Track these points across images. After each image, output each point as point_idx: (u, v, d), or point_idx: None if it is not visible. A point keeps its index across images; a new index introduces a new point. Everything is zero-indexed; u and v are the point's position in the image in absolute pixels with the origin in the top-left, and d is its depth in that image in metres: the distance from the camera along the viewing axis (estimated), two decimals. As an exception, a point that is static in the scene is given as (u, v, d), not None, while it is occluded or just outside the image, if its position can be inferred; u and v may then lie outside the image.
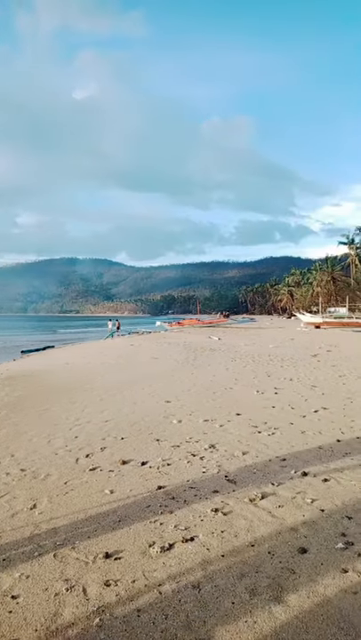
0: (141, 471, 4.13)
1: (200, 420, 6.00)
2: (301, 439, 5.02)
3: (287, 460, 4.34)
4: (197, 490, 3.65)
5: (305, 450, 4.64)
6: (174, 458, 4.48)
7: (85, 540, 2.87)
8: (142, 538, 2.88)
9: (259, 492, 3.55)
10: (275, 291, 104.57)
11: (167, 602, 2.25)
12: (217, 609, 2.19)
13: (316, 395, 7.54)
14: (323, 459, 4.35)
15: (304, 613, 2.14)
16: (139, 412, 6.55)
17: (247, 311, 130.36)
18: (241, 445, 4.83)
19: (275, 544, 2.76)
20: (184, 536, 2.87)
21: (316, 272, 74.34)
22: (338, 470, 4.02)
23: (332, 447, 4.71)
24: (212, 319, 48.64)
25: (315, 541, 2.79)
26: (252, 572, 2.47)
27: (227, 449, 4.72)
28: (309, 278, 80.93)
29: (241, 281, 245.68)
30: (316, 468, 4.07)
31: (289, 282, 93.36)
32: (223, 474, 3.99)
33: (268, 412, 6.37)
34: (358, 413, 6.14)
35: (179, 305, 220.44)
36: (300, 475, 3.92)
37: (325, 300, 58.40)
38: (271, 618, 2.11)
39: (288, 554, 2.65)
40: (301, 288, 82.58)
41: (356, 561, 2.56)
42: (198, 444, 4.94)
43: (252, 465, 4.21)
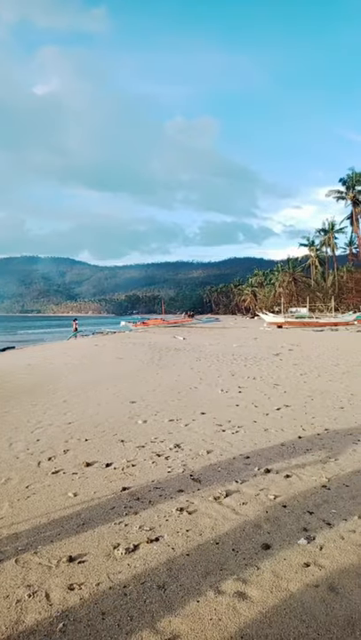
0: (106, 473, 4.09)
1: (165, 419, 6.00)
2: (265, 437, 5.11)
3: (251, 457, 4.41)
4: (162, 490, 3.64)
5: (268, 447, 4.73)
6: (139, 458, 4.46)
7: (48, 545, 2.81)
8: (107, 540, 2.85)
9: (223, 490, 3.58)
10: (238, 291, 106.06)
11: (132, 603, 2.23)
12: (182, 608, 2.19)
13: (279, 393, 7.70)
14: (285, 455, 4.45)
15: (268, 608, 2.18)
16: (103, 413, 6.48)
17: (212, 311, 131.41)
18: (206, 444, 4.87)
19: (239, 541, 2.80)
20: (149, 536, 2.86)
21: (279, 273, 76.03)
22: (299, 466, 4.12)
23: (293, 444, 4.82)
24: (176, 319, 48.76)
25: (278, 537, 2.84)
26: (216, 570, 2.50)
27: (192, 448, 4.74)
28: (272, 279, 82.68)
29: (205, 281, 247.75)
30: (278, 465, 4.16)
31: (252, 282, 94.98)
32: (188, 473, 4.01)
33: (233, 410, 6.45)
34: (319, 411, 6.32)
35: (143, 305, 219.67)
36: (264, 472, 3.99)
37: (287, 300, 59.75)
38: (236, 614, 2.13)
39: (252, 550, 2.69)
40: (264, 288, 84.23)
41: (317, 555, 2.63)
42: (163, 443, 4.94)
43: (217, 463, 4.25)
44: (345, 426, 5.50)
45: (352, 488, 3.61)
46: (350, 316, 38.14)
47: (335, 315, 42.66)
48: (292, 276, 70.29)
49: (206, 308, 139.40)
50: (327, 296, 53.52)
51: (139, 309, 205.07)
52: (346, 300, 51.34)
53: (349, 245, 62.20)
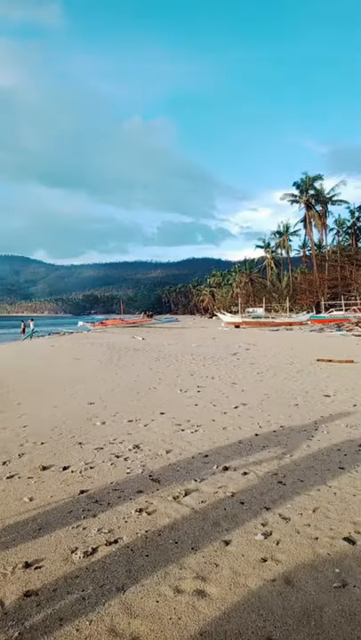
0: (63, 476, 4.00)
1: (124, 420, 5.95)
2: (223, 435, 5.18)
3: (209, 456, 4.46)
4: (121, 491, 3.61)
5: (226, 445, 4.79)
6: (97, 460, 4.40)
7: (3, 551, 2.72)
8: (64, 544, 2.79)
9: (182, 489, 3.60)
10: (197, 291, 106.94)
11: (91, 607, 2.20)
12: (142, 609, 2.18)
13: (237, 392, 7.83)
14: (242, 453, 4.53)
15: (227, 605, 2.21)
16: (60, 415, 6.34)
17: (170, 311, 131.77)
18: (165, 444, 4.87)
19: (198, 539, 2.82)
20: (108, 539, 2.83)
21: (236, 274, 77.36)
22: (256, 463, 4.20)
23: (250, 441, 4.91)
24: (135, 319, 48.46)
25: (236, 534, 2.89)
26: (175, 569, 2.50)
27: (151, 448, 4.73)
28: (229, 279, 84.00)
29: (164, 281, 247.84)
30: (236, 463, 4.23)
31: (210, 283, 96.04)
32: (147, 473, 3.99)
33: (191, 409, 6.49)
34: (275, 408, 6.47)
35: (102, 305, 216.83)
36: (222, 469, 4.04)
37: (244, 300, 60.80)
38: (195, 613, 2.15)
39: (211, 548, 2.72)
40: (222, 289, 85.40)
41: (274, 550, 2.69)
42: (122, 444, 4.90)
43: (176, 463, 4.26)
44: (299, 423, 5.66)
45: (306, 483, 3.72)
46: (304, 316, 39.34)
47: (290, 315, 43.86)
48: (248, 277, 71.68)
49: (165, 308, 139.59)
50: (282, 297, 54.94)
51: (97, 309, 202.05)
52: (300, 301, 52.88)
53: (303, 248, 64.17)
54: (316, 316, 38.02)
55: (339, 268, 51.83)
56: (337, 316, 35.86)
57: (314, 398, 7.15)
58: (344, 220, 56.62)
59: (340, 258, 53.24)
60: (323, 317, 36.15)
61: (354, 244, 55.89)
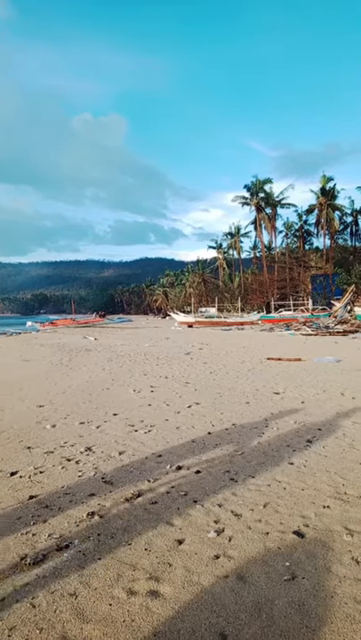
0: (11, 482, 3.86)
1: (76, 422, 5.83)
2: (176, 434, 5.19)
3: (163, 455, 4.45)
4: (73, 495, 3.54)
5: (179, 444, 4.81)
6: (48, 464, 4.28)
7: None
8: (13, 552, 2.69)
9: (135, 490, 3.58)
10: (150, 291, 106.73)
11: (42, 615, 2.14)
12: (94, 614, 2.15)
13: (190, 391, 7.88)
14: (196, 452, 4.56)
15: (180, 603, 2.21)
16: (7, 419, 6.11)
17: (123, 311, 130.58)
18: (118, 445, 4.82)
19: (151, 540, 2.81)
20: (59, 544, 2.76)
21: (189, 274, 77.95)
22: (209, 461, 4.25)
23: (204, 440, 4.96)
24: (87, 319, 47.58)
25: (189, 532, 2.91)
26: (128, 571, 2.48)
27: (103, 450, 4.66)
28: (182, 280, 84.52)
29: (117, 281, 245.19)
30: (189, 461, 4.25)
31: (164, 282, 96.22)
32: (100, 476, 3.93)
33: (145, 410, 6.46)
34: (227, 407, 6.57)
35: (52, 304, 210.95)
36: (175, 469, 4.05)
37: (197, 300, 61.42)
38: (149, 614, 2.14)
39: (164, 547, 2.72)
40: (175, 289, 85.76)
41: (226, 547, 2.73)
42: (74, 447, 4.80)
43: (129, 464, 4.23)
44: (250, 420, 5.79)
45: (257, 479, 3.81)
46: (255, 315, 40.26)
47: (241, 315, 44.75)
48: (201, 277, 72.43)
49: (118, 308, 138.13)
50: (234, 297, 55.96)
51: (47, 309, 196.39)
52: (251, 301, 54.07)
53: (254, 249, 65.68)
54: (267, 315, 39.02)
55: (287, 270, 53.49)
56: (286, 315, 36.97)
57: (264, 396, 7.33)
58: (292, 222, 58.50)
59: (289, 260, 54.96)
60: (273, 317, 37.15)
61: (301, 246, 57.89)
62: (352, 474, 3.93)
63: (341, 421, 5.71)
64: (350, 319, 28.80)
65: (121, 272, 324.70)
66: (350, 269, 46.62)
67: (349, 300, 32.24)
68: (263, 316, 39.23)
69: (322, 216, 50.86)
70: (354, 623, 2.07)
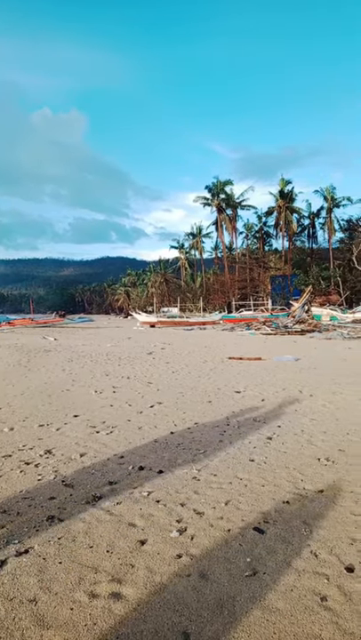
0: (-33, 488, 3.72)
1: (35, 425, 5.69)
2: (139, 435, 5.17)
3: (125, 456, 4.42)
4: (32, 499, 3.45)
5: (142, 445, 4.79)
6: (5, 469, 4.16)
7: None
8: (-32, 562, 2.59)
9: (97, 492, 3.53)
10: (112, 290, 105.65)
11: (0, 624, 2.07)
12: (55, 619, 2.10)
13: (152, 391, 7.87)
14: (158, 451, 4.56)
15: (142, 604, 2.20)
16: None
17: (84, 311, 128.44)
18: (79, 447, 4.74)
19: (113, 541, 2.78)
20: (17, 550, 2.69)
21: (151, 274, 77.80)
22: (172, 461, 4.26)
23: (166, 439, 4.97)
24: (47, 319, 46.52)
25: (152, 532, 2.90)
26: (90, 574, 2.45)
27: (64, 453, 4.57)
28: (144, 279, 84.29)
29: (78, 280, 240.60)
30: (152, 462, 4.25)
31: (125, 282, 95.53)
32: (60, 479, 3.86)
33: (107, 410, 6.39)
34: (189, 406, 6.61)
35: (9, 304, 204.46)
36: (138, 469, 4.04)
37: (159, 300, 61.39)
38: (111, 616, 2.12)
39: (127, 549, 2.70)
40: (137, 288, 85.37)
41: (188, 545, 2.75)
42: (33, 450, 4.68)
43: (91, 466, 4.17)
44: (212, 419, 5.85)
45: (219, 477, 3.86)
46: (217, 315, 40.69)
47: (203, 314, 45.13)
48: (163, 277, 72.46)
49: (79, 308, 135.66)
50: (196, 297, 56.33)
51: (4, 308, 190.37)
52: (213, 301, 54.61)
53: (215, 250, 66.43)
54: (228, 315, 39.54)
55: (248, 270, 54.44)
56: (247, 315, 37.58)
57: (226, 395, 7.42)
58: (252, 224, 59.57)
59: (249, 260, 55.95)
60: (234, 317, 37.67)
61: (261, 247, 59.05)
62: (310, 469, 4.05)
63: (300, 418, 5.87)
64: (308, 319, 29.65)
65: (82, 271, 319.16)
66: (308, 271, 48.05)
67: (307, 301, 33.18)
68: (225, 315, 39.73)
69: (281, 218, 52.09)
70: (313, 614, 2.13)
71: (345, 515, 3.16)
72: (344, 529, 2.95)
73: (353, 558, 2.60)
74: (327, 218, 51.81)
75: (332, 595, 2.28)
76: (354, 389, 7.82)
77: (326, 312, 30.29)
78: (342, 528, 2.96)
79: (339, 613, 2.14)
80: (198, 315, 45.28)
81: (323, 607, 2.19)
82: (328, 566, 2.52)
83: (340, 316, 29.12)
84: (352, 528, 2.97)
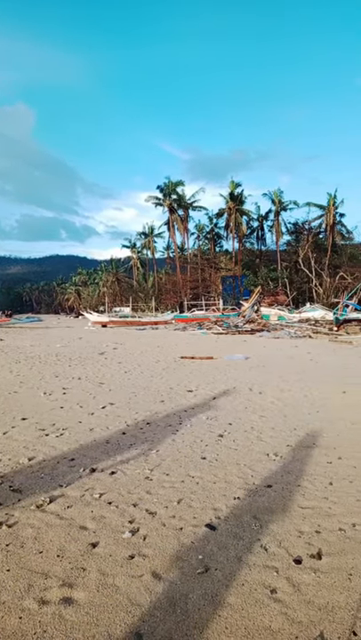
0: None
1: (-20, 429, 5.45)
2: (90, 436, 5.09)
3: (76, 459, 4.34)
4: (-23, 507, 3.31)
5: (93, 446, 4.72)
6: None
7: None
8: None
9: (47, 496, 3.44)
10: (62, 290, 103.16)
11: None
12: (2, 630, 2.03)
13: (104, 391, 7.77)
14: (110, 453, 4.51)
15: (94, 607, 2.17)
16: None
17: (33, 310, 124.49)
18: (27, 451, 4.60)
19: (64, 546, 2.73)
20: None
21: (102, 273, 76.75)
22: (124, 462, 4.23)
23: (118, 440, 4.92)
24: (-8, 319, 44.74)
25: (104, 534, 2.87)
26: (40, 580, 2.38)
27: (11, 457, 4.42)
28: (96, 278, 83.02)
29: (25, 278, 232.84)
30: (104, 463, 4.19)
31: (76, 281, 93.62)
32: (8, 484, 3.72)
33: (57, 412, 6.24)
34: (142, 406, 6.59)
35: None
36: (89, 472, 3.97)
37: (111, 299, 60.68)
38: (62, 622, 2.07)
39: (78, 552, 2.65)
40: (88, 288, 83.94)
41: (141, 546, 2.74)
42: (-22, 455, 4.48)
43: (40, 470, 4.05)
44: (165, 418, 5.86)
45: (172, 476, 3.87)
46: (169, 315, 40.82)
47: (156, 314, 45.11)
48: (115, 277, 71.68)
49: (27, 307, 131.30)
50: (148, 296, 56.20)
51: None
52: (165, 301, 54.71)
53: (167, 250, 66.57)
54: (180, 315, 39.77)
55: (199, 271, 54.99)
56: (198, 315, 37.96)
57: (178, 394, 7.47)
58: (204, 225, 60.21)
59: (201, 261, 56.53)
60: (186, 317, 37.94)
61: (212, 248, 59.83)
62: (260, 465, 4.16)
63: (250, 415, 6.01)
64: (257, 318, 30.44)
65: (30, 269, 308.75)
66: (257, 272, 49.28)
67: (256, 301, 34.06)
68: (177, 315, 39.92)
69: (231, 220, 52.99)
70: (263, 607, 2.19)
71: (293, 508, 3.27)
72: (292, 522, 3.06)
73: (301, 550, 2.70)
74: (275, 221, 53.32)
75: (282, 587, 2.35)
76: (300, 386, 8.11)
77: (275, 312, 31.23)
78: (290, 521, 3.07)
79: (288, 604, 2.21)
80: (151, 314, 45.21)
81: (272, 599, 2.25)
82: (277, 559, 2.60)
83: (287, 315, 30.10)
84: (300, 521, 3.08)
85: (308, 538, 2.84)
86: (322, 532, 2.91)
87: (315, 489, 3.63)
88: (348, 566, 2.53)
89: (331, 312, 28.40)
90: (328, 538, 2.84)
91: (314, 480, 3.82)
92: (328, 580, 2.41)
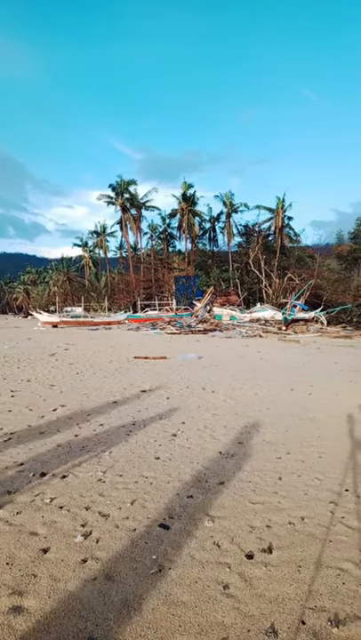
0: None
1: None
2: (40, 440, 4.95)
3: (25, 463, 4.21)
4: None
5: (44, 450, 4.60)
6: None
7: None
8: None
9: (-5, 503, 3.32)
10: (9, 289, 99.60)
11: None
12: None
13: (55, 394, 7.58)
14: (61, 456, 4.42)
15: (46, 615, 2.12)
16: None
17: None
18: (-27, 457, 4.41)
19: (13, 553, 2.64)
20: None
21: (53, 272, 74.90)
22: (76, 465, 4.15)
23: (69, 443, 4.83)
24: None
25: (55, 539, 2.81)
26: (-12, 592, 2.30)
27: None
28: (46, 277, 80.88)
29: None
30: (55, 467, 4.10)
31: (25, 280, 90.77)
32: None
33: (4, 416, 6.02)
34: (94, 408, 6.50)
35: None
36: (39, 476, 3.87)
37: (62, 299, 59.38)
38: (11, 632, 2.01)
39: (28, 559, 2.58)
40: (38, 287, 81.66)
41: (94, 549, 2.71)
42: None
43: (-13, 476, 3.90)
44: (118, 419, 5.81)
45: (125, 477, 3.85)
46: (122, 315, 40.49)
47: (109, 314, 44.61)
48: (66, 276, 70.17)
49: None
50: (101, 296, 55.48)
51: None
52: (118, 301, 54.20)
53: (120, 249, 66.04)
54: (133, 315, 39.55)
55: (153, 271, 54.94)
56: (152, 315, 37.92)
57: (132, 394, 7.43)
58: (157, 225, 60.24)
59: (154, 261, 56.49)
60: (139, 317, 37.79)
61: (165, 248, 59.99)
62: (213, 462, 4.22)
63: (203, 414, 6.08)
64: (210, 318, 30.84)
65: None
66: (209, 272, 49.92)
67: (209, 301, 34.49)
68: (130, 315, 39.67)
69: (183, 220, 53.36)
70: (216, 603, 2.23)
71: (244, 504, 3.35)
72: (244, 517, 3.13)
73: (252, 545, 2.77)
74: (226, 222, 54.25)
75: (234, 582, 2.40)
76: (251, 384, 8.31)
77: (227, 312, 31.75)
78: (242, 517, 3.14)
79: (240, 599, 2.27)
80: (103, 314, 44.64)
81: (225, 595, 2.30)
82: (230, 555, 2.66)
83: (238, 315, 30.70)
84: (251, 516, 3.15)
85: (260, 533, 2.92)
86: (272, 527, 3.00)
87: (265, 484, 3.73)
88: (297, 558, 2.62)
89: (280, 312, 29.30)
90: (278, 532, 2.94)
91: (264, 475, 3.92)
92: (278, 572, 2.49)
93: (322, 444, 4.88)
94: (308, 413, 6.19)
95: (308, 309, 29.98)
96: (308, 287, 33.42)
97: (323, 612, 2.17)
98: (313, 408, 6.50)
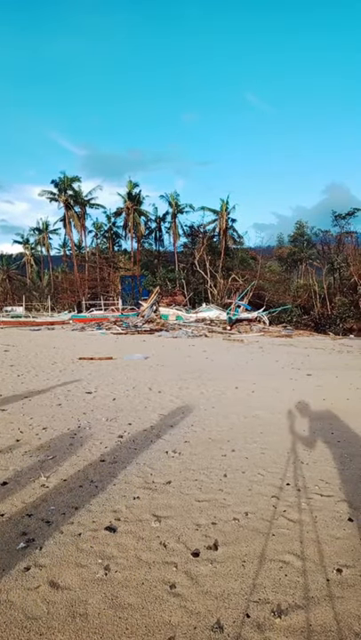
0: None
1: None
2: (-21, 446, 4.73)
3: None
4: None
5: (-17, 457, 4.40)
6: None
7: None
8: None
9: None
10: None
11: None
12: None
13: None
14: (1, 462, 4.24)
15: (-15, 629, 2.03)
16: None
17: None
18: None
19: None
20: None
21: (-8, 270, 71.74)
22: (18, 471, 4.01)
23: (10, 448, 4.65)
24: None
25: (-5, 550, 2.69)
26: None
27: None
28: (-16, 275, 77.31)
29: None
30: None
31: None
32: None
33: None
34: (37, 411, 6.30)
35: None
36: (-22, 484, 3.69)
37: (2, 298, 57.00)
38: None
39: (-34, 573, 2.46)
40: (-25, 286, 77.84)
41: (37, 556, 2.63)
42: None
43: None
44: (62, 422, 5.67)
45: (69, 481, 3.77)
46: (66, 315, 39.54)
47: (52, 314, 43.39)
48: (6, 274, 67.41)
49: None
50: (43, 295, 53.85)
51: None
52: (62, 300, 52.88)
53: (64, 247, 64.49)
54: (78, 315, 38.74)
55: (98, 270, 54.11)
56: (97, 315, 37.34)
57: (77, 396, 7.28)
58: (102, 223, 59.44)
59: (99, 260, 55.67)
60: (84, 317, 37.07)
61: (111, 247, 59.37)
62: (159, 462, 4.23)
63: (150, 414, 6.08)
64: (156, 318, 30.87)
65: None
66: (155, 272, 50.00)
67: (155, 301, 34.51)
68: (74, 315, 38.81)
69: (129, 220, 53.04)
70: (162, 603, 2.24)
71: (190, 502, 3.39)
72: (190, 516, 3.17)
73: (198, 543, 2.81)
74: (172, 223, 54.60)
75: (180, 581, 2.43)
76: (197, 384, 8.42)
77: (173, 312, 31.93)
78: (188, 515, 3.18)
79: (186, 597, 2.29)
80: (46, 314, 43.35)
81: (172, 594, 2.31)
82: (176, 554, 2.68)
83: (185, 315, 30.98)
84: (197, 514, 3.20)
85: (205, 530, 2.97)
86: (218, 524, 3.06)
87: (210, 482, 3.80)
88: (242, 554, 2.69)
89: (225, 312, 29.90)
90: (223, 528, 3.00)
91: (210, 473, 3.99)
92: (224, 569, 2.54)
93: (264, 439, 5.04)
94: (252, 411, 6.37)
95: (251, 309, 30.87)
96: (252, 288, 34.41)
97: (266, 604, 2.24)
98: (256, 405, 6.70)
